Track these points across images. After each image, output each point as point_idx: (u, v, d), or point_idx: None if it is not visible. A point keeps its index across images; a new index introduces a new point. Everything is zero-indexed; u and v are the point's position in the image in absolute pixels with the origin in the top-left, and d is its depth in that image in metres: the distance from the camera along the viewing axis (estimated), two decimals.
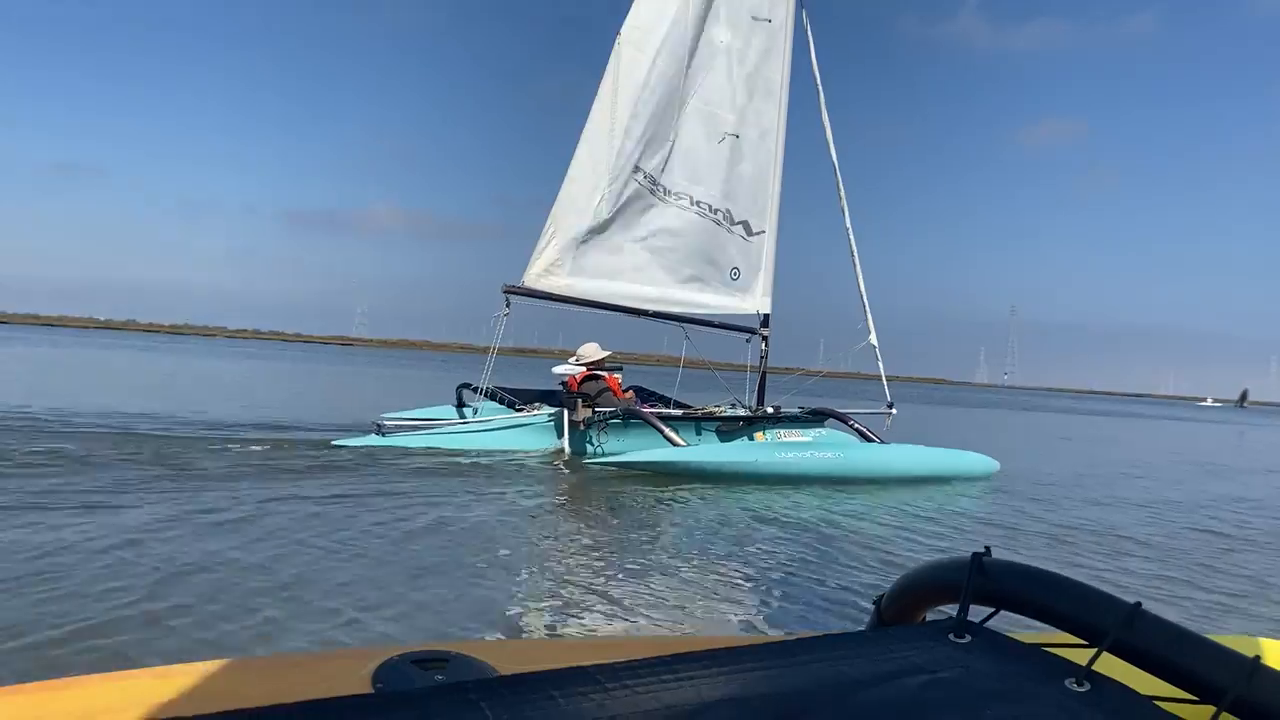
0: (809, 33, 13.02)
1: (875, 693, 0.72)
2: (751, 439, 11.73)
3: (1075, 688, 0.72)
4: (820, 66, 12.91)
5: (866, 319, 12.58)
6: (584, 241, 12.41)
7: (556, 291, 12.45)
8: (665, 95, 12.48)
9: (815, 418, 12.09)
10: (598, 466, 10.63)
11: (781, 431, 11.76)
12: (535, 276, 12.40)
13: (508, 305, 12.19)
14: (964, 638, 0.80)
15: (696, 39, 12.58)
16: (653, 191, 12.57)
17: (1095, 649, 0.74)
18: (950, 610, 0.83)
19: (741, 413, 12.14)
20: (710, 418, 11.92)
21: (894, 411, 12.37)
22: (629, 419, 11.34)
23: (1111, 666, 0.74)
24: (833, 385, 14.15)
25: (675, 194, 12.67)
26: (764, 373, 12.89)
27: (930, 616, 0.93)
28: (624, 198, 12.44)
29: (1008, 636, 0.80)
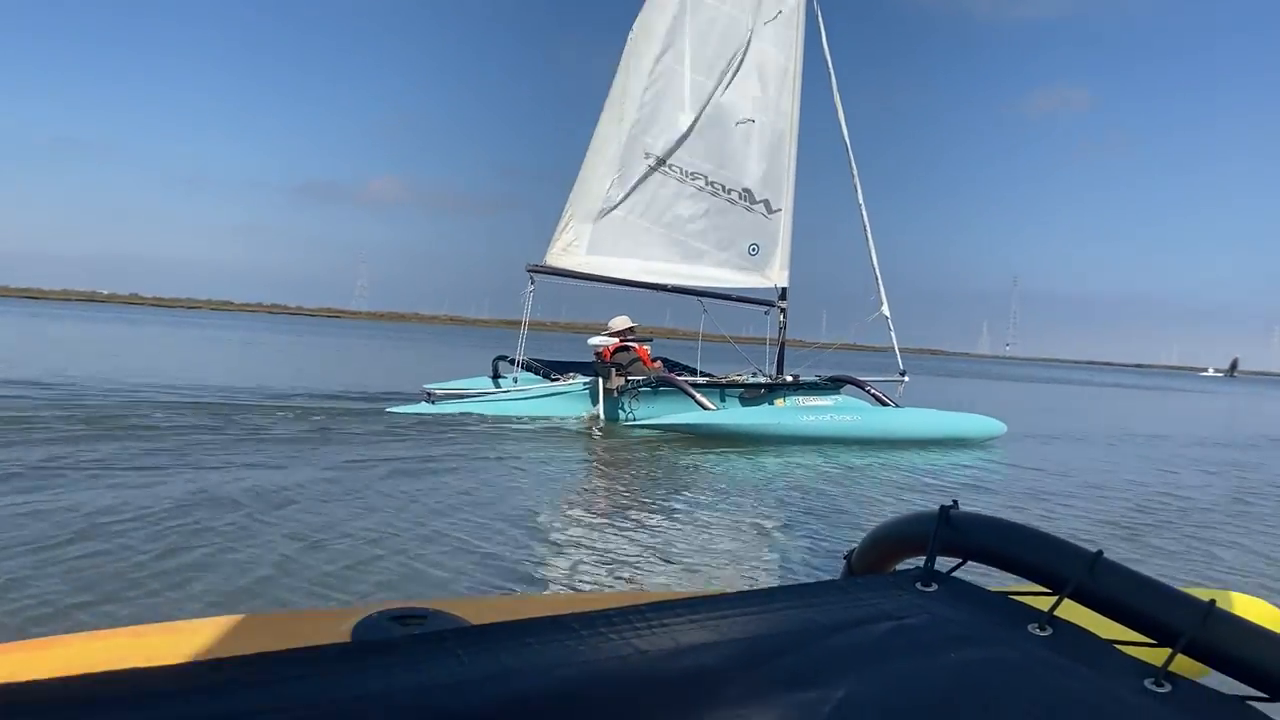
0: (820, 19, 13.72)
1: (843, 637, 0.75)
2: (772, 405, 12.54)
3: (1038, 632, 0.75)
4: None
5: (879, 291, 13.41)
6: (600, 222, 13.27)
7: (577, 269, 13.34)
8: (678, 84, 13.28)
9: (833, 384, 12.89)
10: (634, 429, 11.52)
11: (801, 398, 12.57)
12: (556, 255, 13.30)
13: (532, 282, 13.12)
14: (930, 586, 0.83)
15: (709, 29, 13.32)
16: (665, 175, 13.38)
17: (1056, 598, 0.77)
18: (919, 563, 0.86)
19: (763, 380, 12.96)
20: (734, 385, 12.72)
21: (906, 379, 13.19)
22: (660, 386, 12.20)
23: (1074, 613, 0.77)
24: (837, 356, 14.91)
25: (690, 175, 13.45)
26: (783, 343, 13.71)
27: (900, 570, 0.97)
28: (636, 181, 13.28)
29: (972, 584, 0.83)
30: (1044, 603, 0.77)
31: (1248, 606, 1.57)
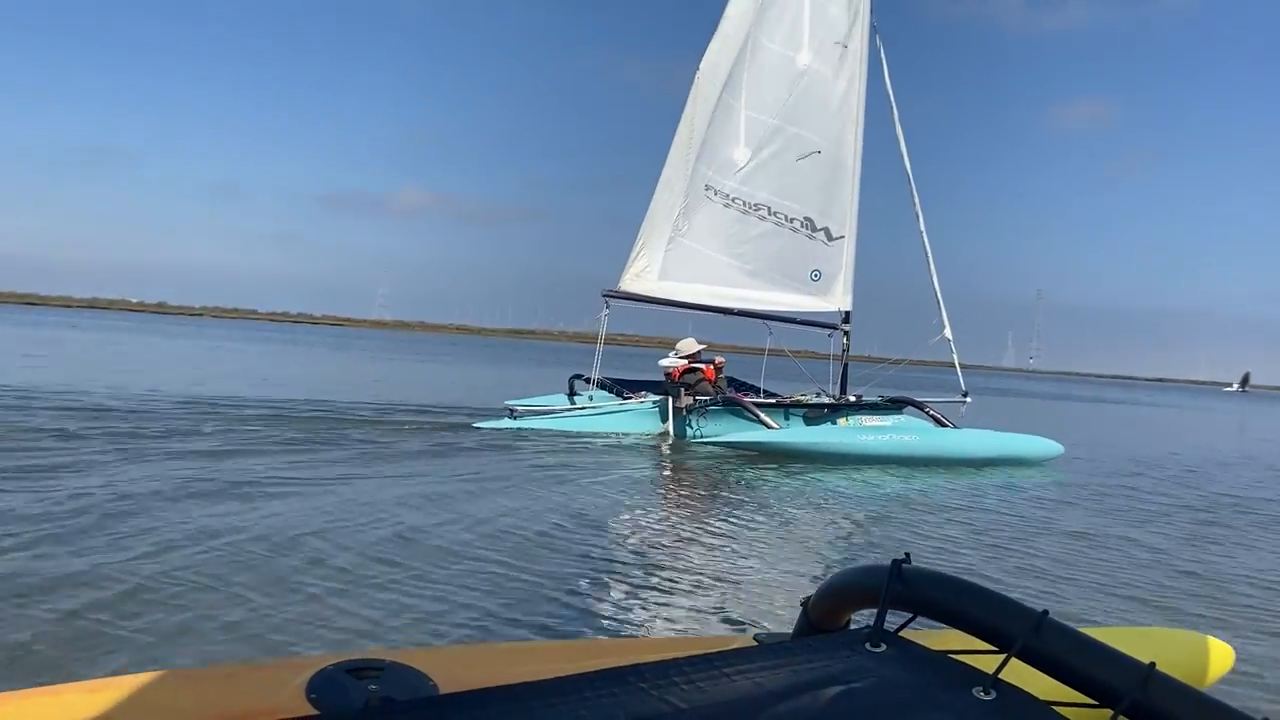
0: (882, 54, 14.35)
1: (792, 704, 0.76)
2: (835, 424, 13.09)
3: (982, 696, 0.77)
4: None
5: (941, 314, 13.96)
6: (670, 250, 14.08)
7: (649, 294, 14.08)
8: (736, 120, 14.07)
9: (894, 405, 13.44)
10: (701, 446, 12.14)
11: (863, 417, 13.12)
12: (629, 280, 14.14)
13: (607, 306, 13.95)
14: (879, 646, 0.84)
15: (768, 69, 14.03)
16: (728, 206, 14.13)
17: (1003, 656, 0.79)
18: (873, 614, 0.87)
19: (826, 400, 13.53)
20: (798, 405, 13.31)
21: (969, 400, 13.73)
22: (726, 406, 12.83)
23: (1020, 670, 0.79)
24: (893, 373, 15.43)
25: (753, 206, 14.16)
26: (846, 364, 14.29)
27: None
28: (700, 211, 14.12)
29: (921, 646, 0.85)
30: (991, 661, 0.79)
31: (1205, 646, 1.59)
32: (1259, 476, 14.23)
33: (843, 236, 14.30)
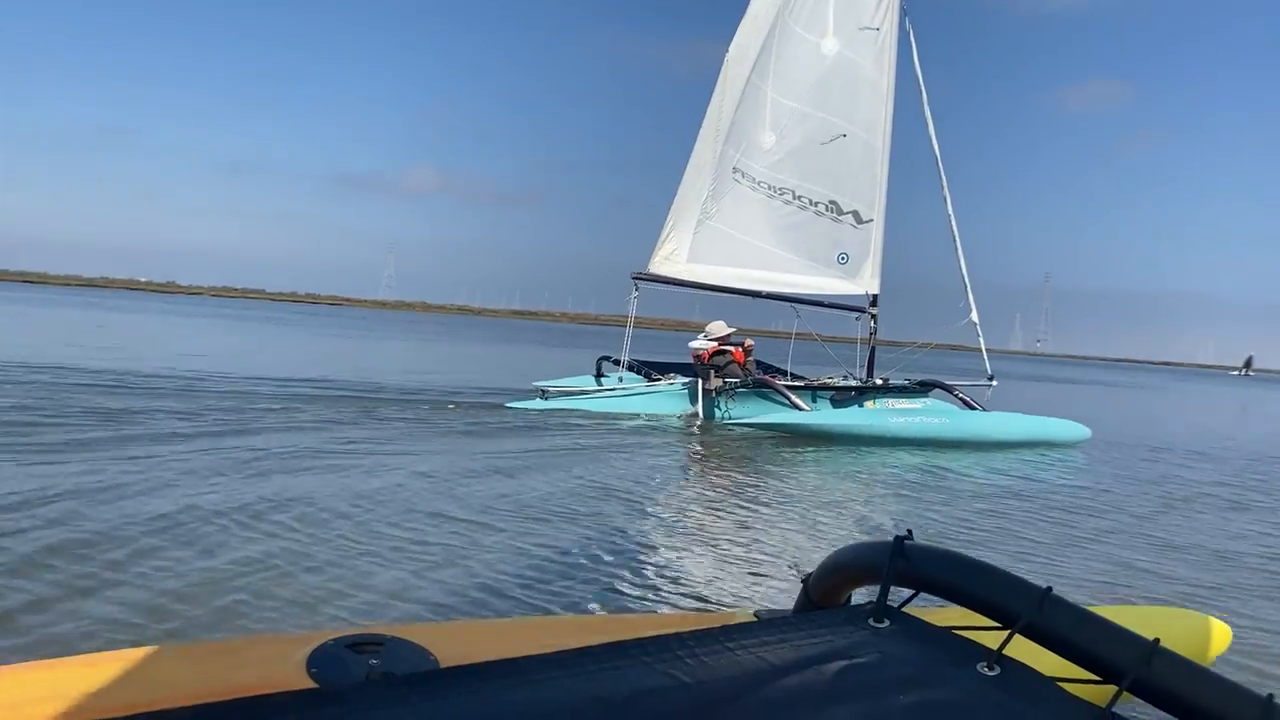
0: (912, 37, 14.37)
1: (795, 679, 0.76)
2: (862, 407, 13.21)
3: (986, 671, 0.77)
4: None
5: (968, 298, 14.03)
6: (698, 232, 14.24)
7: (677, 276, 14.21)
8: (763, 104, 14.13)
9: (921, 388, 13.54)
10: (730, 427, 12.28)
11: (890, 400, 13.23)
12: (658, 263, 14.28)
13: (636, 289, 14.08)
14: (883, 622, 0.84)
15: (796, 55, 14.08)
16: (754, 189, 14.24)
17: (1007, 632, 0.79)
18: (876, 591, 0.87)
19: (854, 383, 13.64)
20: (825, 387, 13.43)
21: (994, 383, 13.82)
22: (755, 388, 12.96)
23: (1023, 646, 0.79)
24: (914, 356, 15.53)
25: (778, 190, 14.25)
26: (873, 347, 14.39)
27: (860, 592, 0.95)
28: (727, 194, 14.23)
29: (924, 621, 0.85)
30: (994, 638, 0.79)
31: (1205, 625, 1.60)
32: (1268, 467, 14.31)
33: (871, 220, 14.36)
